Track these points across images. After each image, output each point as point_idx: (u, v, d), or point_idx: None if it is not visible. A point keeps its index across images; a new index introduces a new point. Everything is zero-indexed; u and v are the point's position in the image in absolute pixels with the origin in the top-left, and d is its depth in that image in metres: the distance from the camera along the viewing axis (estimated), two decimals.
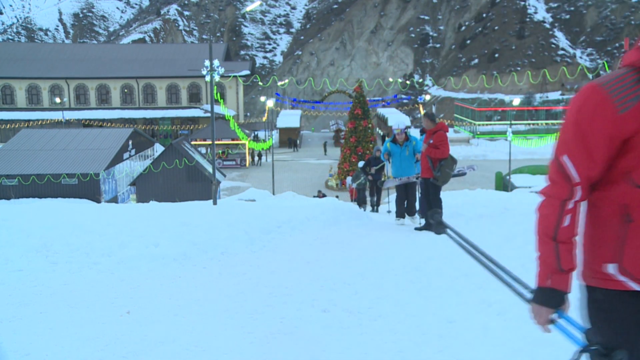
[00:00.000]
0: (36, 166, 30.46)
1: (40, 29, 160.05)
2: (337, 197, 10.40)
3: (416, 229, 8.83)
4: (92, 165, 30.67)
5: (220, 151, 49.32)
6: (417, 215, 10.09)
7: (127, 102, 67.79)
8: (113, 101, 67.65)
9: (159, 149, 43.87)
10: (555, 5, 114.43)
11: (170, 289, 5.54)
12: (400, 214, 10.05)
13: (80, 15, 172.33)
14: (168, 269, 6.25)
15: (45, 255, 6.55)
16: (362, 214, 10.58)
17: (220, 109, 37.51)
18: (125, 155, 35.49)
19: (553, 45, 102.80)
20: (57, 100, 65.51)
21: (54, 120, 61.16)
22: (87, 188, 29.92)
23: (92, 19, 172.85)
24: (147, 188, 29.97)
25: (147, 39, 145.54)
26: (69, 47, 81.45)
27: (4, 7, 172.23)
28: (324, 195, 32.70)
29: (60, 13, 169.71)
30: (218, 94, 23.08)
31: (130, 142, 36.46)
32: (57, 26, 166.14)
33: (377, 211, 13.57)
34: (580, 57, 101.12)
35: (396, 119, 10.15)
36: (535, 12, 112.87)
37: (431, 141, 8.62)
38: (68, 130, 38.29)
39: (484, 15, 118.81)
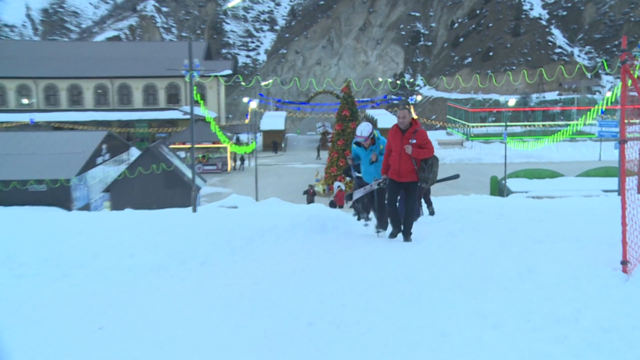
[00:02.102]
0: (1, 172, 30.16)
1: (6, 25, 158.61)
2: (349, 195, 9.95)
3: (390, 235, 8.61)
4: (62, 170, 30.43)
5: (200, 155, 49.17)
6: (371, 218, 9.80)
7: (101, 104, 67.45)
8: (86, 102, 67.27)
9: (134, 153, 43.64)
10: (552, 1, 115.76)
11: (146, 302, 5.49)
12: (382, 225, 9.50)
13: (50, 11, 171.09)
14: (144, 281, 6.20)
15: (9, 268, 6.47)
16: (351, 221, 10.57)
17: (200, 110, 37.40)
18: (99, 159, 35.26)
19: (550, 43, 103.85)
20: (25, 101, 65.01)
21: (21, 122, 60.57)
22: (57, 195, 29.66)
23: (63, 15, 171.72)
24: (122, 195, 29.77)
25: (123, 36, 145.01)
26: (37, 44, 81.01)
27: None
28: (314, 192, 32.77)
29: (28, 8, 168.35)
30: (198, 95, 23.01)
31: (104, 146, 36.22)
32: (25, 22, 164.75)
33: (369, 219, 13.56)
34: (579, 56, 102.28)
35: (361, 126, 9.89)
36: (531, 9, 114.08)
37: (414, 141, 8.23)
38: (37, 133, 38.01)
39: (478, 11, 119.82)
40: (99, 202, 33.71)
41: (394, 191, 8.57)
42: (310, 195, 31.99)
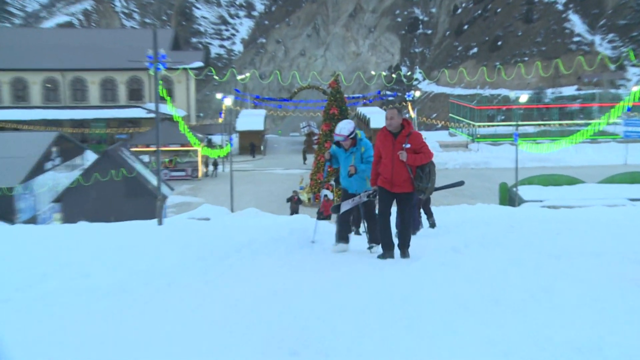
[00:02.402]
0: None
1: None
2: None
3: (379, 256, 8.44)
4: (4, 178, 30.20)
5: (167, 159, 49.04)
6: (363, 234, 9.76)
7: (51, 100, 67.10)
8: (32, 99, 66.87)
9: (90, 157, 43.40)
10: None
11: (102, 330, 5.45)
12: (342, 238, 9.35)
13: None
14: (101, 304, 6.16)
15: None
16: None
17: (166, 108, 37.32)
18: (48, 165, 35.03)
19: (567, 31, 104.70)
20: None
21: None
22: None
23: None
24: (75, 205, 29.59)
25: (76, 22, 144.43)
26: None
27: None
28: (298, 199, 32.77)
29: None
30: (164, 91, 22.94)
31: (54, 149, 36.00)
32: None
33: (359, 233, 13.55)
34: (600, 45, 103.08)
35: (342, 123, 9.75)
36: None
37: (408, 145, 8.16)
38: None
39: None
40: (48, 214, 33.47)
41: (386, 202, 8.47)
42: (295, 203, 31.98)
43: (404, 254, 8.41)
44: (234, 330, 5.35)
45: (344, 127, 9.18)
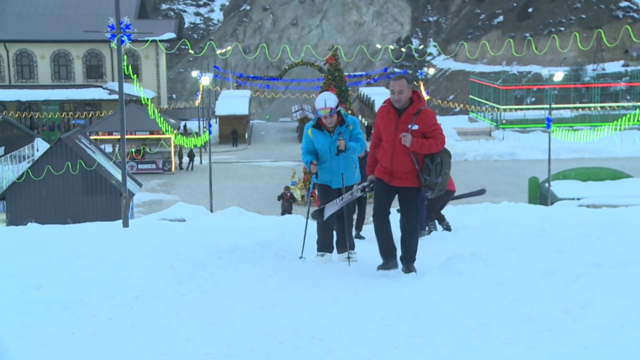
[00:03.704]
0: None
1: None
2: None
3: (380, 267, 7.99)
4: None
5: (133, 149, 48.95)
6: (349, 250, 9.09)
7: None
8: None
9: (41, 146, 43.32)
10: None
11: (57, 351, 5.46)
12: (325, 246, 9.17)
13: None
14: (55, 322, 6.16)
15: None
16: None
17: (132, 88, 37.21)
18: None
19: None
20: None
21: None
22: None
23: None
24: (23, 203, 29.54)
25: None
26: None
27: None
28: (291, 196, 32.75)
29: None
30: (129, 67, 22.81)
31: None
32: None
33: (359, 236, 13.59)
34: None
35: (322, 95, 9.09)
36: None
37: (415, 126, 7.51)
38: None
39: None
40: None
41: (383, 198, 7.94)
42: (287, 202, 31.92)
43: (409, 268, 7.92)
44: (212, 351, 5.37)
45: (329, 98, 8.72)
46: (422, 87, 63.37)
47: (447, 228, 13.20)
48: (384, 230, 7.93)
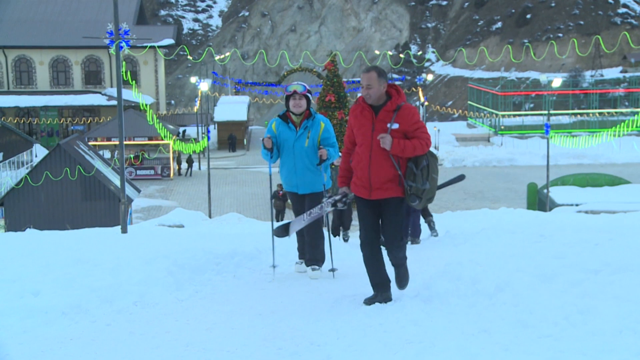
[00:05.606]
0: None
1: None
2: None
3: (366, 300, 6.72)
4: None
5: (132, 155, 48.91)
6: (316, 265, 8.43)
7: None
8: None
9: (39, 152, 43.33)
10: None
11: (56, 357, 5.45)
12: (304, 253, 8.79)
13: None
14: (54, 328, 6.16)
15: None
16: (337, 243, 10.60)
17: (131, 94, 37.23)
18: None
19: (610, 1, 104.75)
20: None
21: None
22: None
23: None
24: (22, 209, 29.52)
25: None
26: None
27: None
28: (284, 195, 32.68)
29: None
30: (128, 73, 22.85)
31: None
32: None
33: (346, 240, 13.79)
34: None
35: (293, 84, 8.36)
36: None
37: (395, 125, 6.39)
38: None
39: None
40: None
41: (369, 224, 6.70)
42: (279, 199, 31.63)
43: (402, 284, 6.94)
44: (210, 357, 5.37)
45: (299, 83, 8.10)
46: (420, 93, 63.44)
47: (432, 229, 13.19)
48: (375, 259, 6.73)
